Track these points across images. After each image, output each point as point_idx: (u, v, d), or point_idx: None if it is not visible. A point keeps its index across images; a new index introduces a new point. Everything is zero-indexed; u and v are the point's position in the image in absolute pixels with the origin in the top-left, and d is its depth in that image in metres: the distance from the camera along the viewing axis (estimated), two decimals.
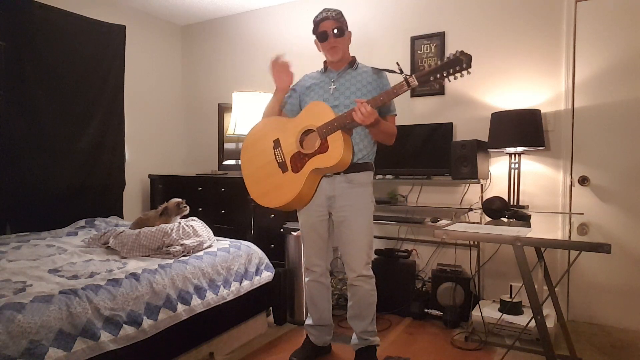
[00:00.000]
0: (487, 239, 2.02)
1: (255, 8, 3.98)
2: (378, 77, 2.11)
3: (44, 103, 3.05)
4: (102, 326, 1.66)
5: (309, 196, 2.06)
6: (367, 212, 2.10)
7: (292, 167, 2.01)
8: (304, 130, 1.99)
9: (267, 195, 2.08)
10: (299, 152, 1.99)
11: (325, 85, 2.12)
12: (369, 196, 2.13)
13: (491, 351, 2.41)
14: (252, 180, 2.13)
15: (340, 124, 1.89)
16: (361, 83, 2.08)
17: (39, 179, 3.01)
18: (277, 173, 2.04)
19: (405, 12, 3.28)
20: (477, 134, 2.91)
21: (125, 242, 2.30)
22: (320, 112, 1.95)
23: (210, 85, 4.32)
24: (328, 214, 2.15)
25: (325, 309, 2.29)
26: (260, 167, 2.10)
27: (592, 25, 2.71)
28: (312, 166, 1.95)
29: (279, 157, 2.04)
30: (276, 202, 2.05)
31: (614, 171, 2.69)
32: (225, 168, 3.99)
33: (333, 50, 2.07)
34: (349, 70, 2.12)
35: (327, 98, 2.08)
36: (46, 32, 3.05)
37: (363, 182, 2.09)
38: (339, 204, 2.07)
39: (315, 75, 2.21)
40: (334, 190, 2.07)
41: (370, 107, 1.84)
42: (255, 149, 2.14)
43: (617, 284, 2.69)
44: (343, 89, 2.08)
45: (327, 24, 2.05)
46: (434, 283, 2.89)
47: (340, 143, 1.88)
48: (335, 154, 1.89)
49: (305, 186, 1.98)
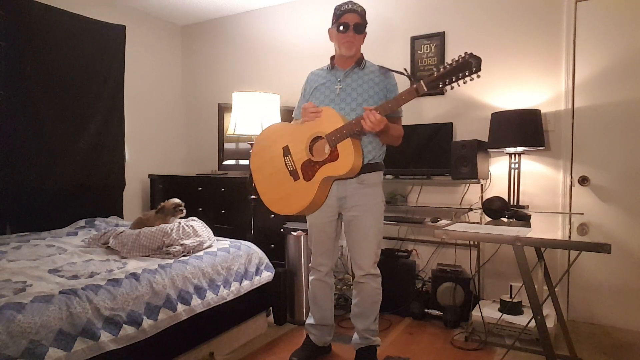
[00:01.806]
0: (487, 239, 2.02)
1: (255, 8, 3.98)
2: (385, 77, 2.09)
3: (44, 103, 3.05)
4: (102, 326, 1.66)
5: (322, 201, 2.05)
6: (377, 211, 2.10)
7: (303, 175, 2.00)
8: (313, 137, 1.98)
9: (280, 202, 2.08)
10: (310, 159, 1.97)
11: (331, 85, 2.09)
12: (380, 196, 2.13)
13: (491, 351, 2.41)
14: (264, 188, 2.13)
15: (350, 132, 1.87)
16: (368, 84, 2.05)
17: (39, 179, 3.01)
18: (289, 181, 2.03)
19: (405, 12, 3.28)
20: (477, 134, 2.91)
21: (125, 242, 2.30)
22: (329, 119, 1.93)
23: (210, 85, 4.32)
24: (338, 215, 2.14)
25: (328, 309, 2.29)
26: (271, 174, 2.10)
27: (592, 25, 2.71)
28: (323, 174, 1.94)
29: (290, 165, 2.03)
30: (290, 210, 2.05)
31: (614, 171, 2.69)
32: (225, 168, 3.98)
33: (348, 44, 2.02)
34: (356, 69, 2.09)
35: (333, 99, 2.06)
36: (46, 32, 3.04)
37: (374, 182, 2.09)
38: (350, 203, 2.07)
39: (321, 73, 2.17)
40: (345, 191, 2.07)
41: (380, 115, 1.82)
42: (264, 156, 2.13)
43: (617, 284, 2.69)
44: (350, 90, 2.05)
45: (350, 17, 2.00)
46: (434, 283, 2.89)
47: (350, 151, 1.87)
48: (346, 162, 1.88)
49: (318, 193, 1.98)
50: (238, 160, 3.96)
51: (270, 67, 3.94)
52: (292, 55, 3.80)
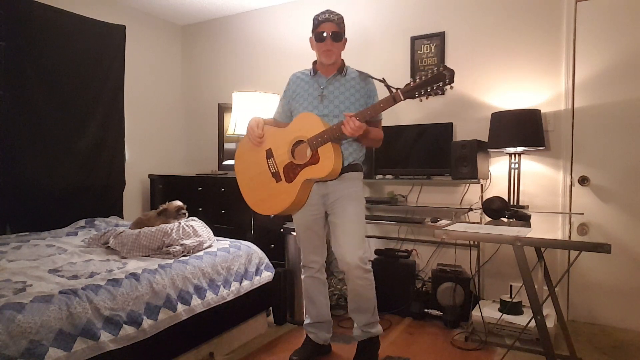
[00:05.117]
0: (487, 239, 2.01)
1: (255, 8, 3.98)
2: (365, 83, 2.15)
3: (44, 103, 3.05)
4: (102, 326, 1.66)
5: (303, 201, 2.12)
6: (357, 202, 2.15)
7: (285, 177, 2.07)
8: (295, 140, 2.04)
9: (262, 203, 2.15)
10: (291, 162, 2.04)
11: (313, 92, 2.14)
12: (360, 188, 2.19)
13: (491, 351, 2.41)
14: (247, 189, 2.21)
15: (330, 137, 1.93)
16: (349, 91, 2.11)
17: (39, 178, 3.01)
18: (271, 182, 2.11)
19: (405, 12, 3.28)
20: (477, 134, 2.91)
21: (125, 242, 2.30)
22: (311, 124, 2.00)
23: (210, 85, 4.32)
24: (323, 212, 2.18)
25: (323, 305, 2.31)
26: (254, 176, 2.18)
27: (592, 25, 2.71)
28: (304, 177, 2.01)
29: (272, 167, 2.11)
30: (272, 210, 2.12)
31: (614, 171, 2.69)
32: (225, 168, 3.99)
33: (327, 53, 2.08)
34: (338, 76, 2.14)
35: (316, 106, 2.11)
36: (46, 32, 3.04)
37: (353, 177, 2.15)
38: (332, 198, 2.13)
39: (304, 78, 2.21)
40: (327, 189, 2.13)
41: (359, 122, 1.87)
42: (248, 159, 2.21)
43: (617, 284, 2.69)
44: (332, 97, 2.11)
45: (327, 26, 2.06)
46: (434, 283, 2.89)
47: (330, 154, 1.94)
48: (326, 165, 1.95)
49: (299, 194, 2.05)
50: None
51: (270, 67, 3.94)
52: (291, 55, 3.80)
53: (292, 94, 2.22)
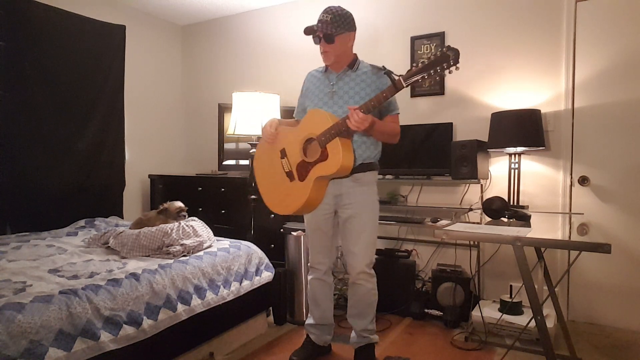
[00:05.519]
0: (487, 239, 2.02)
1: (255, 8, 3.98)
2: (377, 77, 2.09)
3: (44, 103, 3.05)
4: (102, 326, 1.66)
5: (319, 200, 2.09)
6: (372, 210, 2.13)
7: (298, 176, 2.05)
8: (306, 138, 2.03)
9: (280, 204, 2.14)
10: (303, 160, 2.03)
11: (324, 89, 2.13)
12: (374, 194, 2.16)
13: (491, 351, 2.41)
14: (266, 191, 2.21)
15: (337, 132, 1.91)
16: (360, 86, 2.07)
17: (39, 178, 3.01)
18: (285, 182, 2.10)
19: (405, 12, 3.28)
20: (477, 134, 2.91)
21: (125, 242, 2.30)
22: (319, 120, 1.98)
23: (210, 85, 4.32)
24: (334, 212, 2.17)
25: (327, 308, 2.30)
26: (270, 176, 2.18)
27: (592, 25, 2.71)
28: (315, 174, 1.99)
29: (286, 167, 2.10)
30: (288, 210, 2.10)
31: (614, 171, 2.69)
32: (225, 168, 3.98)
33: (324, 55, 2.08)
34: (348, 72, 2.11)
35: (326, 102, 2.10)
36: (46, 32, 3.04)
37: (368, 180, 2.12)
38: (345, 201, 2.10)
39: (317, 74, 2.21)
40: (340, 189, 2.10)
41: (362, 114, 1.83)
42: (265, 160, 2.21)
43: (617, 284, 2.69)
44: (342, 93, 2.08)
45: (318, 28, 2.03)
46: (434, 283, 2.89)
47: (338, 150, 1.91)
48: (335, 161, 1.92)
49: (313, 193, 2.02)
50: (238, 160, 3.97)
51: (270, 67, 3.94)
52: (292, 55, 3.80)
53: (305, 91, 2.23)
